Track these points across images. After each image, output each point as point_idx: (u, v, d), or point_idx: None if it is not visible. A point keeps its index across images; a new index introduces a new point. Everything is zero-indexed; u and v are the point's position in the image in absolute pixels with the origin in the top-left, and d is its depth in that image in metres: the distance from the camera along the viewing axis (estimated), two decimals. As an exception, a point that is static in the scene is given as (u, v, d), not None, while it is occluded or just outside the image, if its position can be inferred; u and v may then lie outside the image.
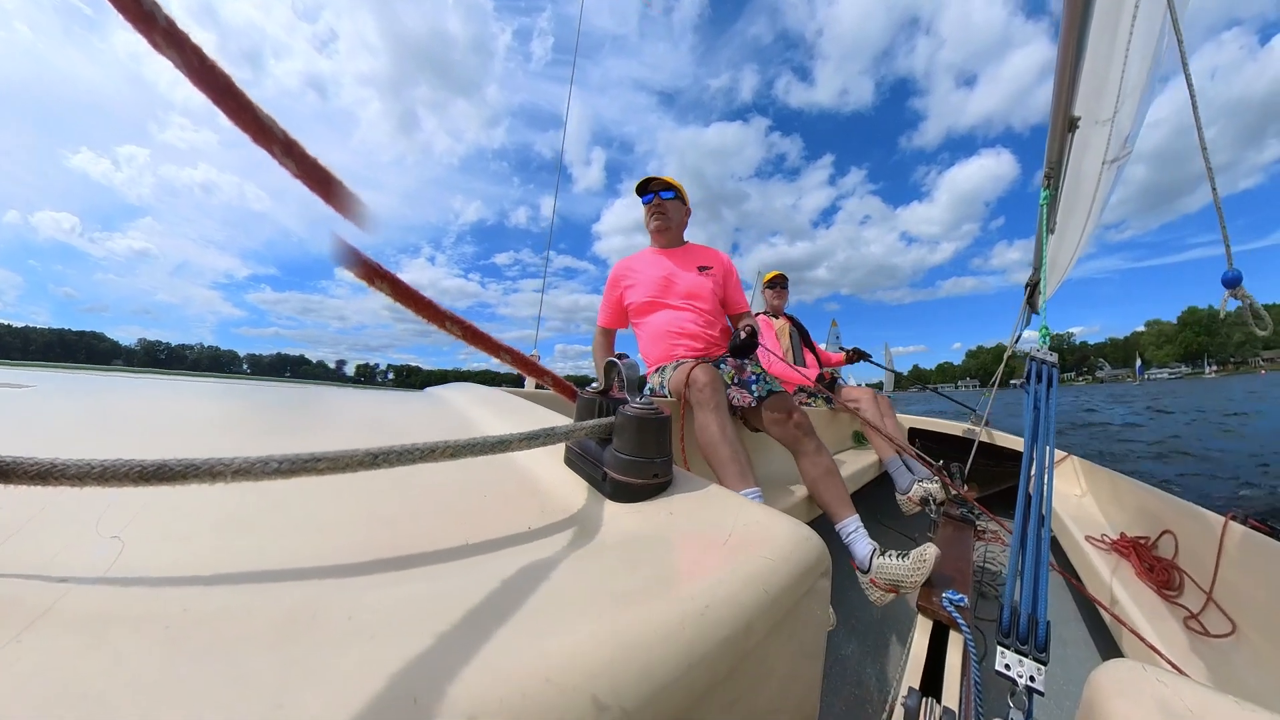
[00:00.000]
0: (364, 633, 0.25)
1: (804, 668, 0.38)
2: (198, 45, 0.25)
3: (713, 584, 0.31)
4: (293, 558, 0.33)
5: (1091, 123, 1.74)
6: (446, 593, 0.30)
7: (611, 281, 2.09)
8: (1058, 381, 1.00)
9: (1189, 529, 1.57)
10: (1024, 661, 0.75)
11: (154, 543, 0.33)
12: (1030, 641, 0.76)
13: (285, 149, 0.28)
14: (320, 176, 0.29)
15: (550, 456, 0.55)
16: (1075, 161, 1.78)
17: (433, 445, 0.35)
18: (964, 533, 1.72)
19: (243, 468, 0.29)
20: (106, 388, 0.89)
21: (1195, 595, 1.39)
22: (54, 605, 0.25)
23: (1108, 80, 1.67)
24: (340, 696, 0.21)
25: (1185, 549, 1.56)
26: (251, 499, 0.39)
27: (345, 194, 0.30)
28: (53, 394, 0.76)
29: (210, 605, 0.27)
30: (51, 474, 0.27)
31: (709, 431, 1.43)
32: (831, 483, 1.53)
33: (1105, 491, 2.21)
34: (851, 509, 1.49)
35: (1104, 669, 0.49)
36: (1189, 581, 1.44)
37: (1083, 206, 2.08)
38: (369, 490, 0.44)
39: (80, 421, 0.64)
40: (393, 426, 0.78)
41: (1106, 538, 1.75)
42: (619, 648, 0.25)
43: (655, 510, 0.44)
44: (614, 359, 0.51)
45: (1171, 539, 1.62)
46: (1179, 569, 1.50)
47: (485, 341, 0.44)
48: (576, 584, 0.31)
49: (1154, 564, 1.52)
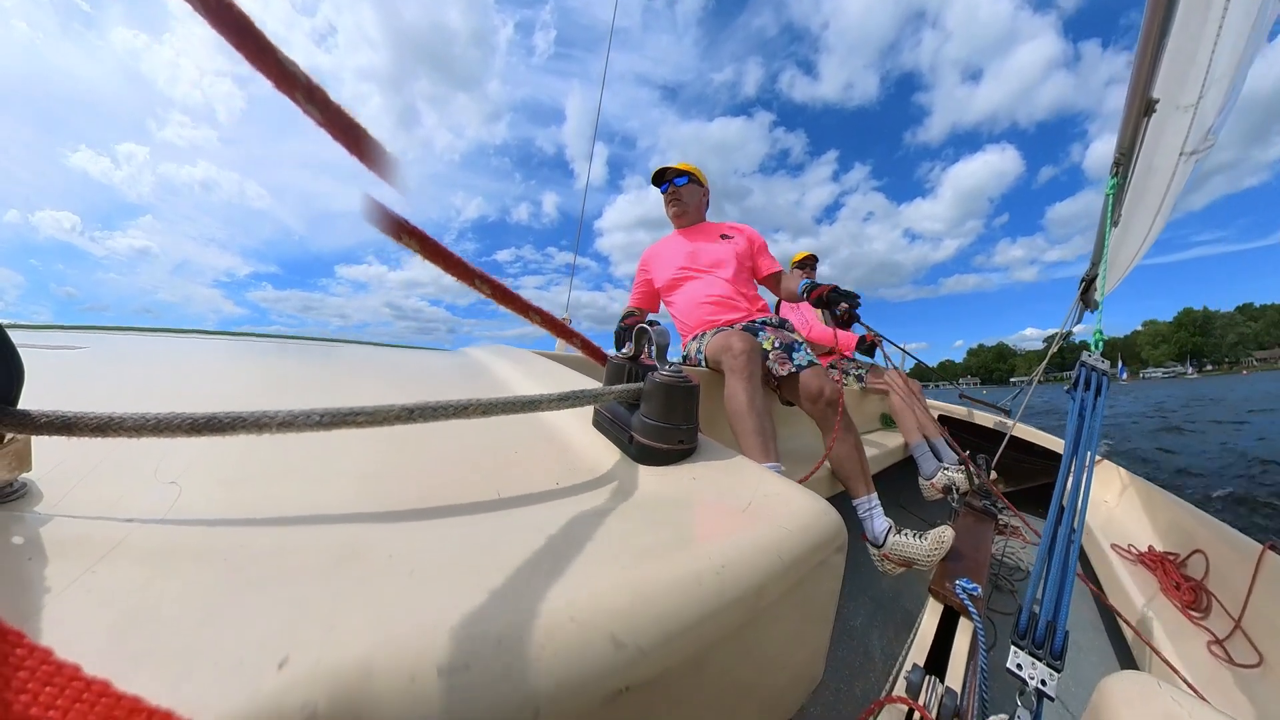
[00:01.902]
0: (403, 569, 0.27)
1: (812, 632, 0.40)
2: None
3: (730, 547, 0.32)
4: (336, 503, 0.35)
5: (1171, 107, 1.57)
6: (478, 538, 0.32)
7: (640, 267, 2.15)
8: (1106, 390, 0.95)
9: (1222, 552, 1.51)
10: (1037, 665, 0.74)
11: (209, 488, 0.35)
12: (1046, 647, 0.75)
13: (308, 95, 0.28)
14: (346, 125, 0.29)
15: (579, 418, 0.56)
16: (1148, 150, 1.63)
17: (466, 403, 0.36)
18: (985, 524, 1.70)
19: (287, 420, 0.30)
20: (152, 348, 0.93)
21: (1222, 620, 1.34)
22: (122, 542, 0.28)
23: (1195, 61, 1.50)
24: (386, 620, 0.23)
25: (1216, 571, 1.50)
26: (296, 450, 0.42)
27: (374, 147, 0.30)
28: (104, 354, 0.80)
29: (263, 542, 0.29)
30: (110, 426, 0.29)
31: (737, 400, 1.45)
32: (856, 460, 1.55)
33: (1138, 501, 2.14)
34: (871, 488, 1.52)
35: (1115, 679, 0.49)
36: (1217, 605, 1.39)
37: (1152, 200, 1.91)
38: (405, 444, 0.46)
39: (132, 379, 0.67)
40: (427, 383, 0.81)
41: (1134, 549, 1.70)
42: (638, 595, 0.27)
43: (679, 475, 0.45)
44: (645, 325, 0.52)
45: (1202, 559, 1.56)
46: (1207, 590, 1.45)
47: (515, 301, 0.44)
48: (601, 537, 0.33)
49: (1181, 582, 1.48)
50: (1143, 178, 1.76)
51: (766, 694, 0.36)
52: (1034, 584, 0.82)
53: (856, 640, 1.46)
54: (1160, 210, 1.96)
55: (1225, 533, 1.54)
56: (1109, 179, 1.50)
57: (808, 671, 0.40)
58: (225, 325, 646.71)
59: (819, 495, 0.40)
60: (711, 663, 0.29)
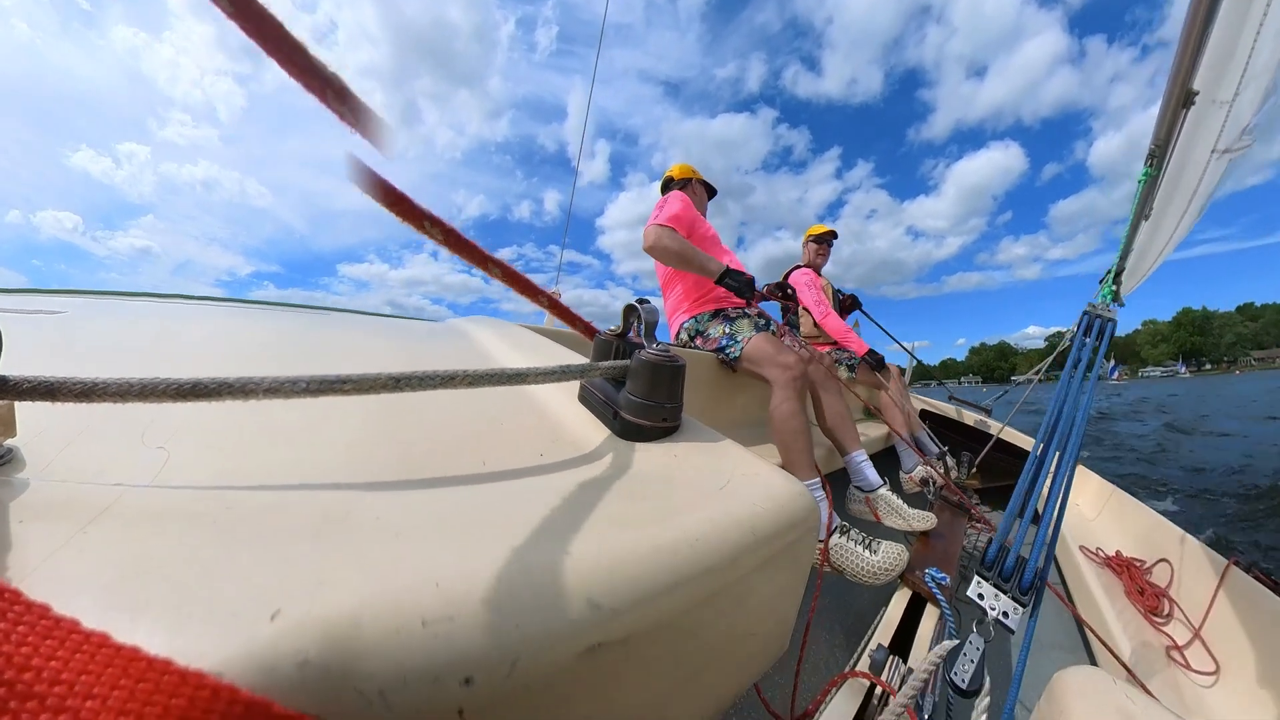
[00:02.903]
0: (390, 530, 0.28)
1: (780, 605, 0.41)
2: None
3: (705, 520, 0.33)
4: (322, 470, 0.35)
5: (1209, 101, 1.55)
6: (463, 504, 0.33)
7: (688, 206, 1.99)
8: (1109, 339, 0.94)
9: (1187, 563, 1.56)
10: (1000, 596, 0.73)
11: (196, 454, 0.35)
12: (1014, 581, 0.73)
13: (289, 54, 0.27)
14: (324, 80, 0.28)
15: (565, 392, 0.57)
16: (1183, 144, 1.60)
17: (453, 373, 0.36)
18: (958, 519, 1.75)
19: (273, 386, 0.30)
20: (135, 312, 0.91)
21: (1182, 627, 1.39)
22: (111, 505, 0.28)
23: (1234, 56, 1.48)
24: (373, 578, 0.24)
25: (1180, 581, 1.55)
26: (283, 416, 0.42)
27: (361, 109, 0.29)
28: (85, 319, 0.78)
29: (253, 505, 0.30)
30: (94, 391, 0.28)
31: (796, 419, 1.46)
32: (847, 421, 1.68)
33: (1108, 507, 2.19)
34: (861, 445, 1.63)
35: (1070, 672, 0.50)
36: (1178, 612, 1.44)
37: (1182, 196, 1.89)
38: (392, 412, 0.46)
39: (115, 344, 0.66)
40: (415, 353, 0.80)
41: (1101, 552, 1.74)
42: (615, 560, 0.28)
43: (661, 451, 0.45)
44: (634, 304, 0.52)
45: (1168, 568, 1.61)
46: (1170, 598, 1.49)
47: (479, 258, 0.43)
48: (581, 506, 0.33)
49: (1145, 587, 1.52)
50: (1175, 172, 1.74)
51: (733, 659, 0.37)
52: (1009, 515, 0.80)
53: (823, 618, 1.50)
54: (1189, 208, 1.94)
55: (1192, 545, 1.59)
56: (1144, 169, 1.48)
57: (774, 642, 0.42)
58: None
59: (794, 478, 0.41)
60: (681, 626, 0.30)
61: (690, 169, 2.26)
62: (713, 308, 1.95)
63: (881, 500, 1.50)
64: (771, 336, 1.71)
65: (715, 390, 1.88)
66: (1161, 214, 1.93)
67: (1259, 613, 1.26)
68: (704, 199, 2.28)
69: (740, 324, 1.81)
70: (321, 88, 0.28)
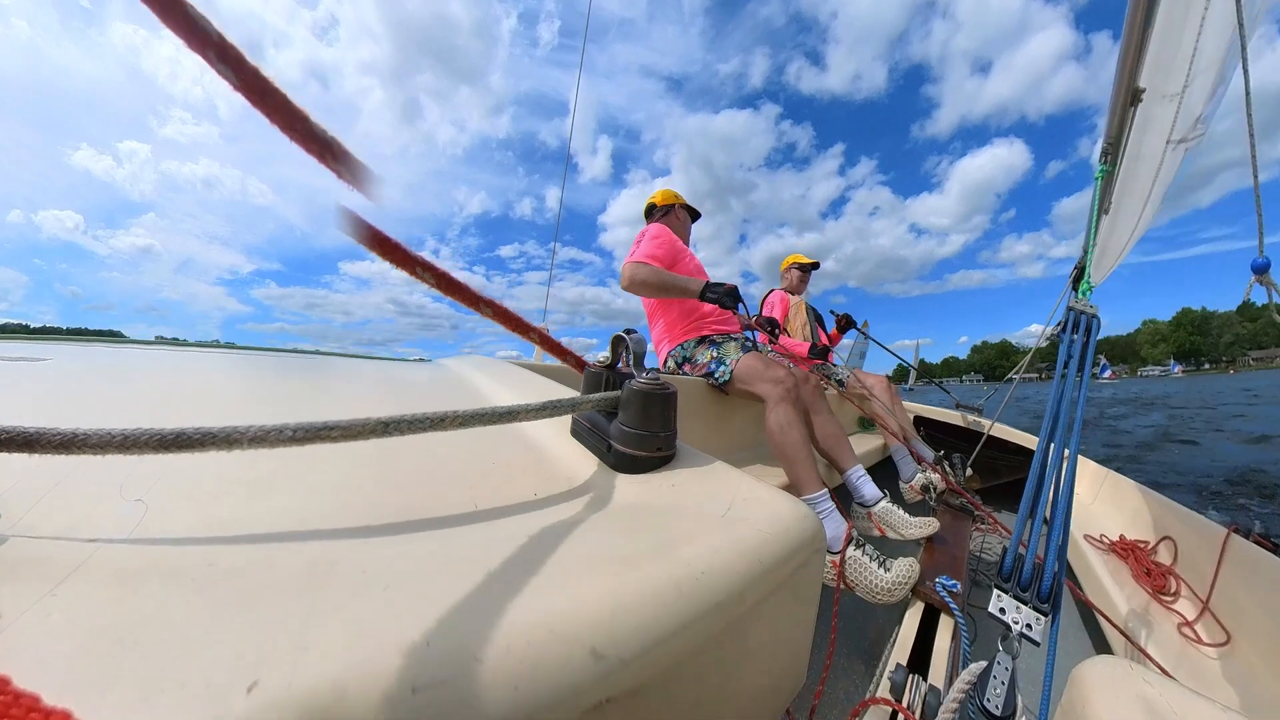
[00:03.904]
0: (378, 584, 0.27)
1: (793, 635, 0.40)
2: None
3: (709, 552, 0.32)
4: (308, 519, 0.34)
5: (1158, 97, 1.63)
6: (455, 551, 0.31)
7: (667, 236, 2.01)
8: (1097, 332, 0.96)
9: (1189, 537, 1.57)
10: (1021, 609, 0.71)
11: (176, 505, 0.34)
12: (1033, 590, 0.72)
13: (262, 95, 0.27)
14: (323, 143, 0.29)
15: (557, 428, 0.56)
16: (1136, 139, 1.69)
17: (442, 414, 0.35)
18: (961, 522, 1.73)
19: (258, 435, 0.30)
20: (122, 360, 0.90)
21: (1191, 603, 1.39)
22: (85, 562, 0.27)
23: (1179, 51, 1.56)
24: (359, 638, 0.22)
25: (1184, 556, 1.56)
26: (267, 465, 0.41)
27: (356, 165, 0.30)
28: (70, 367, 0.77)
29: (233, 560, 0.28)
30: (74, 443, 0.28)
31: (797, 430, 1.47)
32: (841, 439, 1.68)
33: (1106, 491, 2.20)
34: (857, 460, 1.62)
35: (1089, 664, 0.50)
36: (1185, 588, 1.44)
37: (1141, 188, 1.97)
38: (380, 457, 0.45)
39: (99, 393, 0.65)
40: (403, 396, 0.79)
41: (1105, 538, 1.75)
42: (618, 605, 0.26)
43: (658, 482, 0.45)
44: (621, 334, 0.52)
45: (1171, 545, 1.62)
46: (1176, 575, 1.50)
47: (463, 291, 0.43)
48: (579, 547, 0.32)
49: (1151, 568, 1.53)
50: (1131, 165, 1.81)
51: (749, 699, 0.36)
52: (1020, 522, 0.77)
53: (839, 643, 1.48)
54: (1150, 199, 2.01)
55: (1191, 518, 1.60)
56: (1098, 166, 1.54)
57: (790, 675, 0.41)
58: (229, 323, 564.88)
59: (796, 499, 0.41)
60: (693, 670, 0.29)
61: (673, 195, 2.27)
62: (697, 334, 1.97)
63: (883, 514, 1.50)
64: (760, 354, 1.72)
65: (708, 415, 1.88)
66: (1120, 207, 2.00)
67: (1262, 577, 1.27)
68: (687, 224, 2.29)
69: (727, 347, 1.83)
70: (320, 150, 0.29)
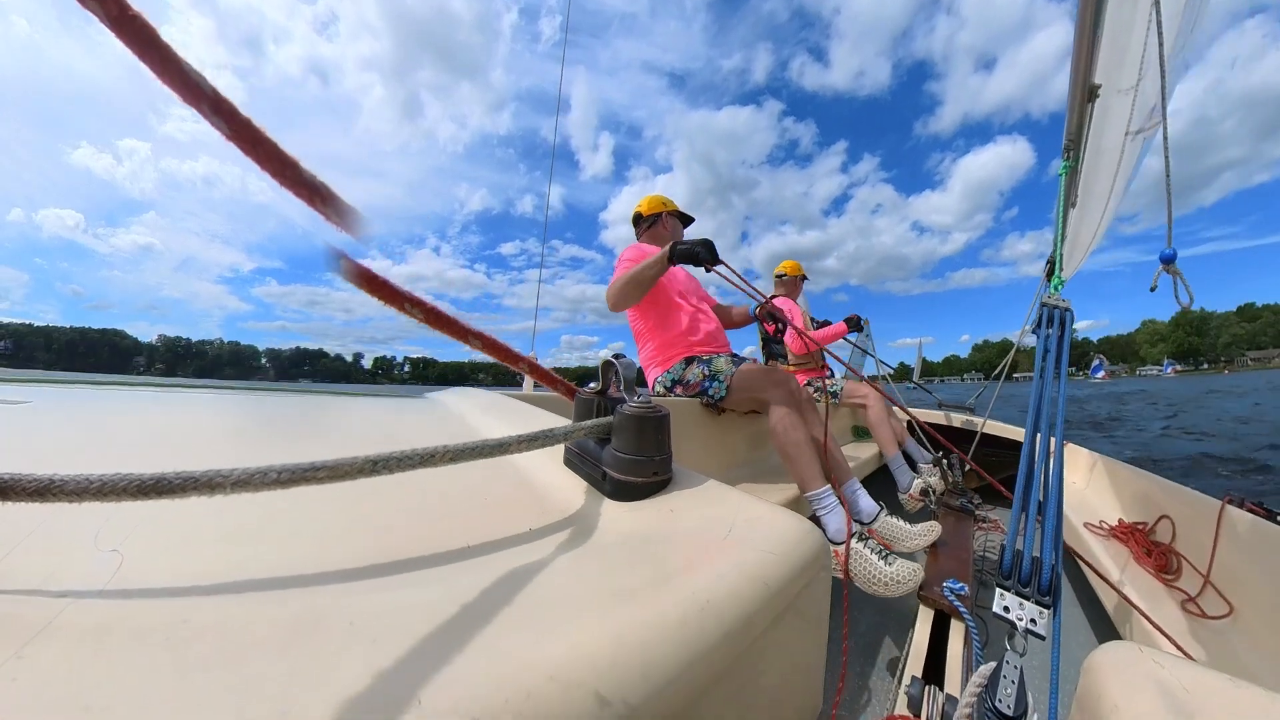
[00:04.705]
0: (366, 637, 0.25)
1: (806, 658, 0.39)
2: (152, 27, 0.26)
3: (713, 579, 0.31)
4: (293, 566, 0.33)
5: (1113, 92, 1.69)
6: (448, 595, 0.30)
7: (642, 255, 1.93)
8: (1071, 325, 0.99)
9: (1186, 513, 1.59)
10: (1025, 605, 0.72)
11: (153, 555, 0.33)
12: (1033, 584, 0.73)
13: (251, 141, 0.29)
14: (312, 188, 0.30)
15: (550, 458, 0.55)
16: (1096, 133, 1.74)
17: (432, 450, 0.35)
18: (963, 523, 1.73)
19: (241, 479, 0.29)
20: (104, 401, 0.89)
21: (1193, 578, 1.40)
22: (54, 620, 0.25)
23: (1129, 48, 1.63)
24: (345, 701, 0.21)
25: (1183, 533, 1.57)
26: (251, 510, 0.39)
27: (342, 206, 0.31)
28: (50, 409, 0.76)
29: (211, 615, 0.27)
30: (50, 490, 0.27)
31: (802, 429, 1.46)
32: (836, 451, 1.63)
33: (1102, 479, 2.22)
34: (852, 474, 1.59)
35: (1102, 651, 0.50)
36: (1186, 565, 1.45)
37: (1105, 180, 2.04)
38: (369, 497, 0.44)
39: (78, 436, 0.64)
40: (392, 432, 0.78)
41: (1105, 524, 1.76)
42: (621, 644, 0.25)
43: (656, 508, 0.44)
44: (611, 359, 0.51)
45: (1169, 524, 1.63)
46: (1176, 553, 1.51)
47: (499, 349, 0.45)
48: (578, 583, 0.31)
49: (1152, 548, 1.54)
50: (1094, 159, 1.86)
51: None
52: (1014, 517, 0.79)
53: (852, 660, 1.45)
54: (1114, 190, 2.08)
55: (1187, 495, 1.62)
56: (1062, 163, 1.58)
57: (807, 701, 0.40)
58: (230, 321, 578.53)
59: (799, 515, 0.40)
60: (705, 708, 0.28)
61: (660, 201, 2.14)
62: (684, 355, 1.95)
63: (883, 529, 1.48)
64: (755, 362, 1.71)
65: (702, 436, 1.86)
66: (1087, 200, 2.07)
67: (1259, 544, 1.29)
68: (678, 230, 2.18)
69: (718, 363, 1.79)
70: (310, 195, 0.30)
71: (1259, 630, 1.18)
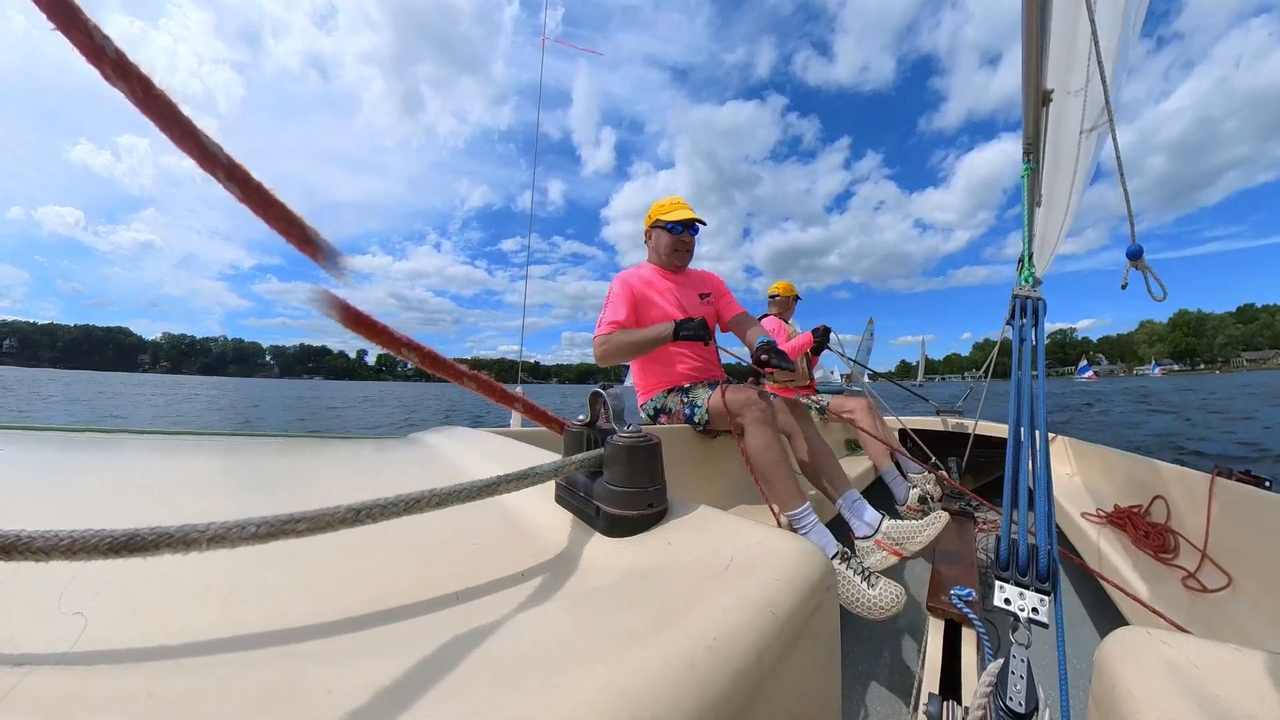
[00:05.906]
0: (345, 708, 0.24)
1: (821, 687, 0.37)
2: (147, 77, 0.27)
3: (718, 614, 0.30)
4: (270, 627, 0.31)
5: (1064, 94, 1.79)
6: (436, 654, 0.29)
7: (627, 290, 1.97)
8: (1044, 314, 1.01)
9: (1178, 491, 1.61)
10: (1025, 594, 0.72)
11: (120, 618, 0.31)
12: (1031, 573, 0.73)
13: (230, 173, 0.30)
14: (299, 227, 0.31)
15: (541, 496, 0.54)
16: (1054, 134, 1.83)
17: (417, 496, 0.34)
18: (964, 527, 1.73)
19: (218, 534, 0.28)
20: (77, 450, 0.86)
21: (1190, 554, 1.42)
22: (12, 690, 0.24)
23: (1075, 49, 1.73)
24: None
25: (1177, 511, 1.59)
26: (229, 565, 0.37)
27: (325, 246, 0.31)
28: (18, 458, 0.73)
29: (178, 685, 0.25)
30: (16, 548, 0.26)
31: (771, 452, 1.46)
32: (830, 462, 1.63)
33: (1095, 467, 2.25)
34: (850, 484, 1.57)
35: (1112, 639, 0.50)
36: (1184, 542, 1.47)
37: (1065, 178, 2.14)
38: (353, 548, 0.42)
39: (48, 487, 0.61)
40: (377, 477, 0.76)
41: (1101, 512, 1.77)
42: (625, 695, 0.24)
43: (653, 542, 0.43)
44: (599, 389, 0.51)
45: (1163, 504, 1.65)
46: (1173, 531, 1.53)
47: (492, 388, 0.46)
48: (574, 630, 0.30)
49: (1149, 530, 1.55)
50: (1055, 157, 1.96)
51: None
52: (1006, 508, 0.79)
53: (868, 684, 1.42)
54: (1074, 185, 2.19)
55: (1177, 471, 1.65)
56: (1023, 166, 1.67)
57: None
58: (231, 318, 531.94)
59: (799, 536, 0.39)
60: None
61: (650, 216, 2.11)
62: (666, 386, 1.98)
63: (890, 533, 1.43)
64: (729, 386, 1.70)
65: (693, 462, 1.84)
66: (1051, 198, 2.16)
67: (1250, 512, 1.32)
68: (662, 241, 2.10)
69: (696, 391, 1.86)
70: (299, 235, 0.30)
71: (1258, 597, 1.20)
